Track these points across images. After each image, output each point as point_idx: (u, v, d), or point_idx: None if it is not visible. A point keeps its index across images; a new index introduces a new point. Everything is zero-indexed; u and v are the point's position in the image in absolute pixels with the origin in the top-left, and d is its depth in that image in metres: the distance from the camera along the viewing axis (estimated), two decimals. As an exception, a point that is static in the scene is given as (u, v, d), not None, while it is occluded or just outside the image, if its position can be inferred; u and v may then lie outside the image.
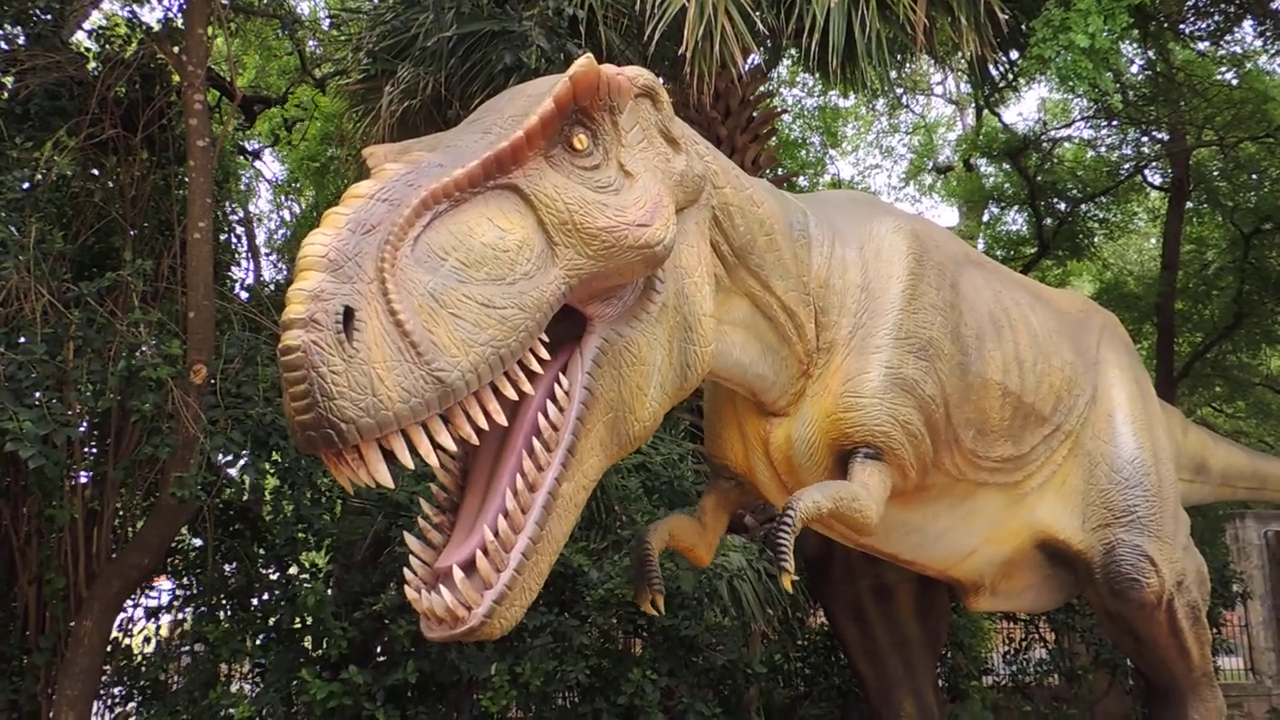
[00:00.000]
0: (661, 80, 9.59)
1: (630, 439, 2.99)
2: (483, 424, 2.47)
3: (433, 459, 2.38)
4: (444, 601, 2.50)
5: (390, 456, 2.34)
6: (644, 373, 2.97)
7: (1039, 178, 15.94)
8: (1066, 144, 17.14)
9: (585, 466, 2.81)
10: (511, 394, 2.55)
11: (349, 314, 2.22)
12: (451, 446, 2.42)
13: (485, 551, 2.55)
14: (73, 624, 6.20)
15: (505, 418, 2.56)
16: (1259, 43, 13.06)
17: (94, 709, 6.26)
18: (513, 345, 2.48)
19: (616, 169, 2.92)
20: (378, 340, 2.24)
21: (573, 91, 2.79)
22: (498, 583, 2.53)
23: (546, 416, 2.74)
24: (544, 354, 2.66)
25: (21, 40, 7.12)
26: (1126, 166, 16.07)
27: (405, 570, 2.65)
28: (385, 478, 2.31)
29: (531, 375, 2.63)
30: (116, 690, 6.72)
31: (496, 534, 2.59)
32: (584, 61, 2.82)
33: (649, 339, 2.98)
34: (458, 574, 2.53)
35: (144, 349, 5.73)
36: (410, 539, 2.73)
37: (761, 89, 10.42)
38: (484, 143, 2.68)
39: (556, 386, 2.78)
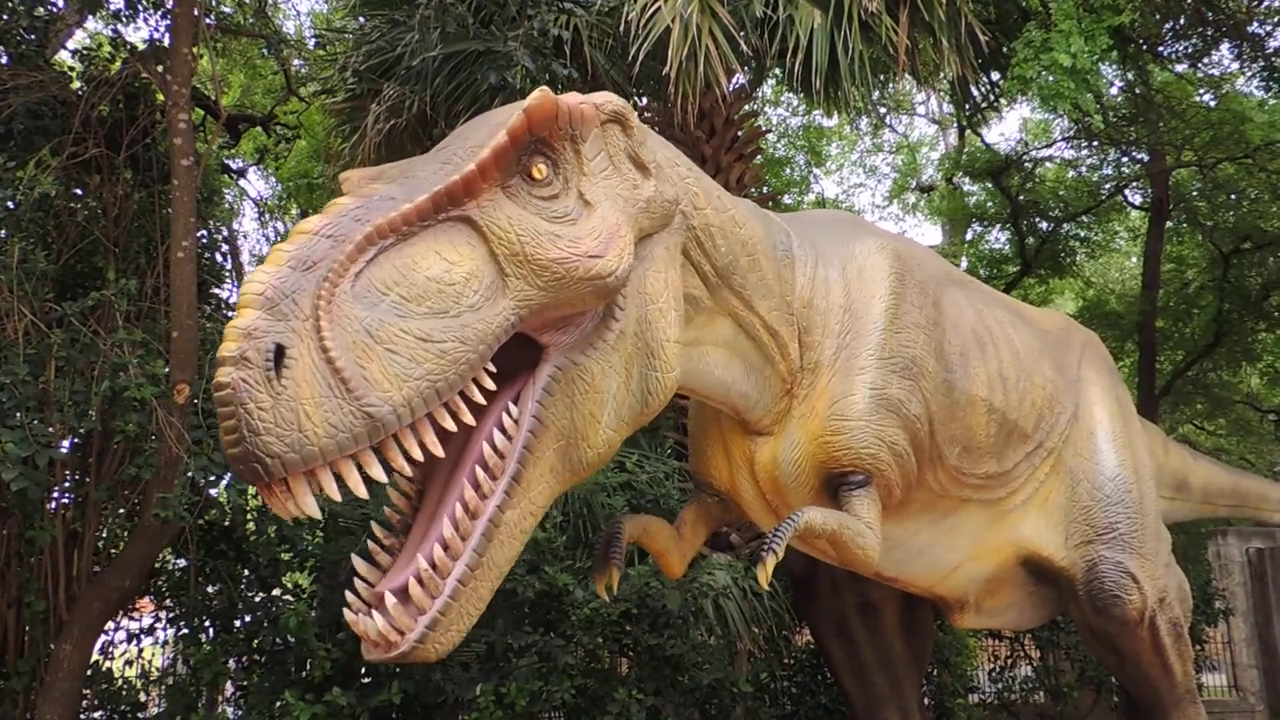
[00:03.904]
0: (646, 100, 9.73)
1: (584, 465, 3.00)
2: (418, 456, 2.50)
3: (361, 491, 2.40)
4: (376, 626, 2.55)
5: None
6: (598, 400, 2.97)
7: (1021, 197, 16.08)
8: (1048, 164, 17.31)
9: (533, 494, 2.82)
10: (450, 425, 2.57)
11: (280, 351, 2.26)
12: (382, 478, 2.46)
13: (420, 580, 2.59)
14: (53, 647, 6.14)
15: (442, 449, 2.58)
16: (1236, 65, 13.23)
17: (73, 733, 6.19)
18: (450, 378, 2.51)
19: (576, 198, 2.92)
20: (307, 377, 2.28)
21: (527, 124, 2.80)
22: (431, 609, 2.57)
23: (493, 445, 2.76)
24: (489, 384, 2.67)
25: (4, 59, 7.12)
26: (1107, 186, 16.23)
27: (347, 592, 2.68)
28: (312, 509, 2.35)
29: (477, 405, 2.65)
30: (97, 715, 6.64)
31: (433, 563, 2.62)
32: (538, 94, 2.84)
33: (604, 366, 2.98)
34: (390, 600, 2.57)
35: (128, 368, 5.71)
36: (357, 560, 2.76)
37: (746, 108, 10.50)
38: (441, 174, 2.71)
39: (505, 415, 2.80)
